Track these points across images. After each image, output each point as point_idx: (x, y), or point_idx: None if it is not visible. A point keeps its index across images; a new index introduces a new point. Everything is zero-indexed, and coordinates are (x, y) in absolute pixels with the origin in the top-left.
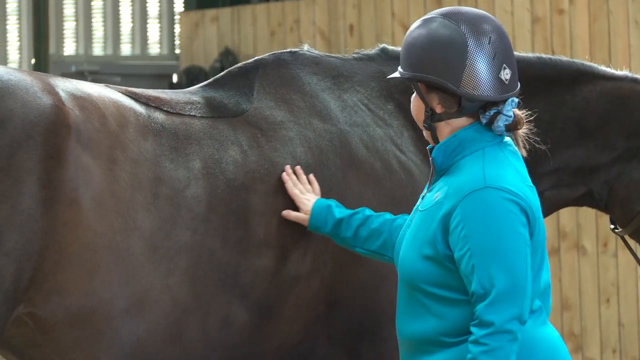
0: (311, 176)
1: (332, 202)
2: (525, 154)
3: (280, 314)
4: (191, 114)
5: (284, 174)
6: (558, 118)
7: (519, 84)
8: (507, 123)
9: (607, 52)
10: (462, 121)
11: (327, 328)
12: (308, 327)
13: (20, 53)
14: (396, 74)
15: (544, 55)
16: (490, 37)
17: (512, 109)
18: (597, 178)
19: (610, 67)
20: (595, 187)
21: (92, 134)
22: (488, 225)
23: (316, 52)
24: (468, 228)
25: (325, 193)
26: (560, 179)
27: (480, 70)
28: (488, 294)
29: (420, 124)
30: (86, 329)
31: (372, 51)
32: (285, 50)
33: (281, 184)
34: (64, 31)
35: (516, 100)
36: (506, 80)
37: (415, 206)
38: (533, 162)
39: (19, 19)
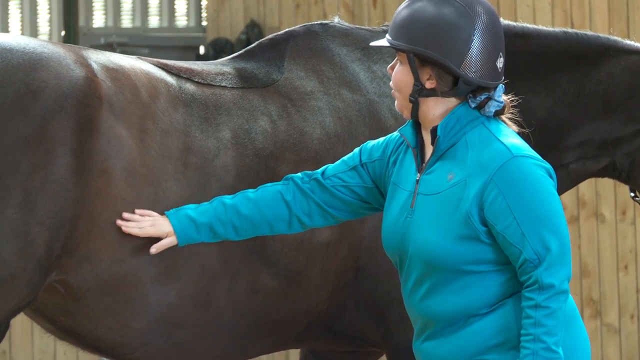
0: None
1: (186, 209)
2: (516, 129)
3: (308, 280)
4: (222, 84)
5: (123, 226)
6: (583, 92)
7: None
8: (497, 109)
9: (626, 24)
10: (452, 99)
11: (354, 294)
12: (335, 293)
13: (50, 25)
14: (384, 42)
15: (570, 30)
16: (492, 25)
17: (501, 95)
18: (620, 150)
19: (633, 40)
20: (618, 158)
21: (123, 104)
22: (528, 193)
23: (347, 24)
24: (508, 199)
25: None
26: (585, 152)
27: (482, 55)
28: (543, 259)
29: (405, 97)
30: (117, 295)
31: None
32: (316, 22)
33: (310, 154)
34: (93, 4)
35: (503, 87)
36: (500, 68)
37: (406, 190)
38: (558, 136)
39: None
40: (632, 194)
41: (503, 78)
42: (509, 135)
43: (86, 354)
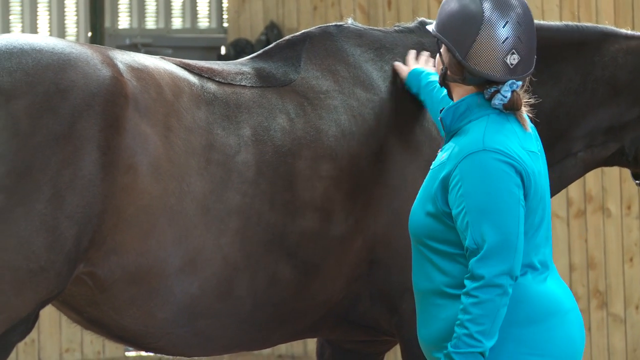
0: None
1: (424, 71)
2: (529, 129)
3: (324, 272)
4: (242, 84)
5: (410, 53)
6: (589, 79)
7: (530, 69)
8: (502, 102)
9: (631, 24)
10: (472, 88)
11: (368, 285)
12: (350, 284)
13: (77, 26)
14: (431, 27)
15: (570, 23)
16: (507, 22)
17: (510, 91)
18: (627, 134)
19: None
20: (626, 143)
21: (148, 103)
22: (482, 184)
23: (360, 25)
24: (465, 187)
25: (367, 158)
26: (593, 139)
27: (487, 49)
28: (480, 249)
29: (440, 81)
30: (142, 286)
31: (411, 24)
32: (331, 24)
33: (325, 150)
34: (119, 6)
35: (518, 83)
36: (511, 64)
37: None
38: (567, 125)
39: None
40: (637, 181)
41: (523, 75)
42: (501, 131)
43: (112, 343)
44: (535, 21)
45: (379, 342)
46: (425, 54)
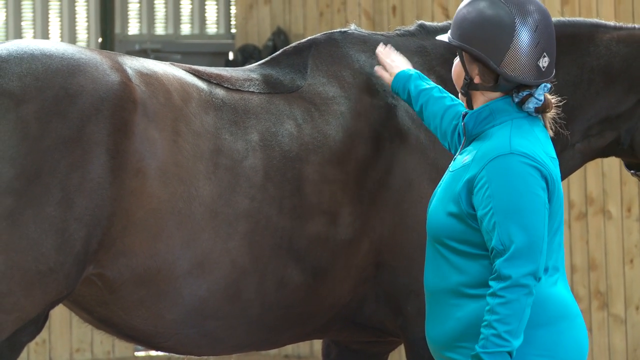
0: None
1: (414, 74)
2: (552, 134)
3: (332, 275)
4: (249, 90)
5: (378, 48)
6: (585, 69)
7: (554, 71)
8: (536, 106)
9: None
10: (496, 94)
11: (375, 288)
12: (357, 287)
13: (88, 32)
14: (444, 38)
15: (561, 18)
16: (537, 26)
17: (543, 94)
18: (623, 123)
19: None
20: (622, 132)
21: (157, 108)
22: (510, 186)
23: (364, 31)
24: (492, 189)
25: (374, 162)
26: (590, 128)
27: (522, 54)
28: (507, 250)
29: (459, 89)
30: (151, 288)
31: (412, 27)
32: (335, 30)
33: (333, 155)
34: (129, 12)
35: (549, 85)
36: (543, 67)
37: (448, 168)
38: (566, 117)
39: (87, 1)
40: (632, 171)
41: (551, 76)
42: (526, 136)
43: (122, 342)
44: None
45: (385, 343)
46: (388, 47)
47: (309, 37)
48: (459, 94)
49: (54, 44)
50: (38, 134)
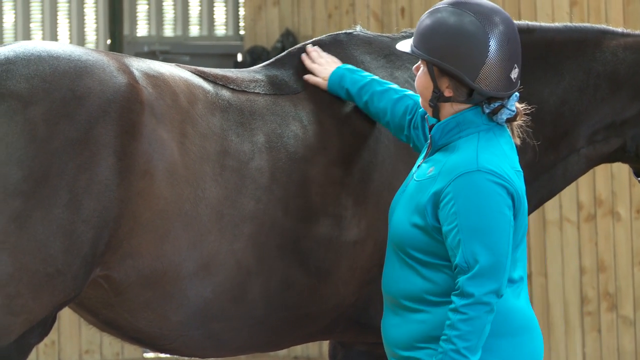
0: (323, 53)
1: (346, 71)
2: (519, 142)
3: (337, 276)
4: (255, 91)
5: (302, 54)
6: (591, 75)
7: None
8: (509, 117)
9: None
10: (465, 105)
11: (379, 289)
12: (362, 288)
13: (97, 34)
14: (406, 49)
15: (568, 23)
16: (508, 39)
17: (514, 104)
18: (628, 130)
19: None
20: (627, 138)
21: (164, 109)
22: (476, 205)
23: (369, 32)
24: (458, 206)
25: (379, 163)
26: (595, 134)
27: (497, 69)
28: (471, 268)
29: (425, 101)
30: (157, 290)
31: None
32: (340, 32)
33: (338, 156)
34: (137, 14)
35: (518, 94)
36: (514, 79)
37: (411, 172)
38: (572, 122)
39: (96, 2)
40: (639, 177)
41: (519, 85)
42: (492, 150)
43: (130, 345)
44: (536, 23)
45: None
46: (315, 50)
47: (313, 39)
48: (422, 102)
49: (61, 46)
50: (46, 136)
